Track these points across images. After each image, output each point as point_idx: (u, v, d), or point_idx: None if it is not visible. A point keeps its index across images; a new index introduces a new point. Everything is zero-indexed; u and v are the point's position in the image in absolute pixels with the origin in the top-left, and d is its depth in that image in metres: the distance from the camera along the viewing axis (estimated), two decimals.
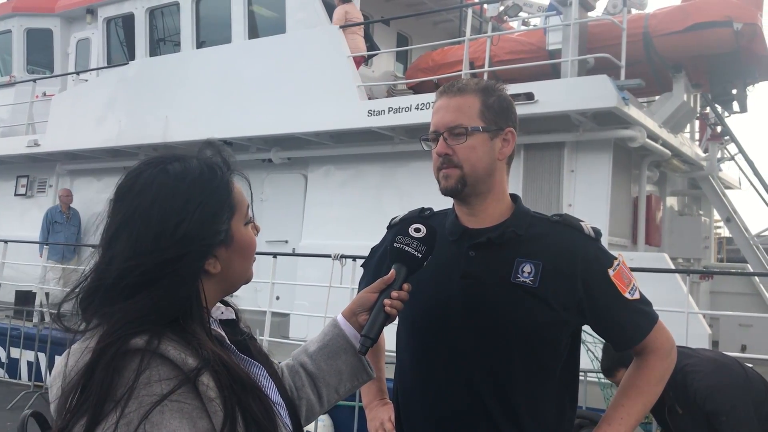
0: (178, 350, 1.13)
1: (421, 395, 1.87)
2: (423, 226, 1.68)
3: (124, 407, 1.06)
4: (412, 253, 1.65)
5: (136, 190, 1.24)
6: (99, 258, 1.23)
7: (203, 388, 1.12)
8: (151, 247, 1.18)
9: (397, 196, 8.39)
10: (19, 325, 8.86)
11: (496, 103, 1.86)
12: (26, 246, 10.36)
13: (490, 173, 1.85)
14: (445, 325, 1.82)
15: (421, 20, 10.53)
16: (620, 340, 1.89)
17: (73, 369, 1.12)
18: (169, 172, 1.25)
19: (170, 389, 1.08)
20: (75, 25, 12.54)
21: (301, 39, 8.81)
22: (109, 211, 1.25)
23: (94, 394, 1.07)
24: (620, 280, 1.81)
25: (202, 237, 1.22)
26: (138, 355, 1.10)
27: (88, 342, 1.15)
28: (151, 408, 1.06)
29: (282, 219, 9.09)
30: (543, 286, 1.77)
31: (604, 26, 7.42)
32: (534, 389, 1.78)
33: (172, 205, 1.21)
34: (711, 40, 7.18)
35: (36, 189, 12.43)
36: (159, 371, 1.10)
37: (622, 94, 6.61)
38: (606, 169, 7.24)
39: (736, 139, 10.06)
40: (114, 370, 1.08)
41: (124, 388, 1.07)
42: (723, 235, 12.76)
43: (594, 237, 1.85)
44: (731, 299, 9.17)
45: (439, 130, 1.85)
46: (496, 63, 7.83)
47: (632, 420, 1.83)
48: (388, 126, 7.95)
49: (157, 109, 9.82)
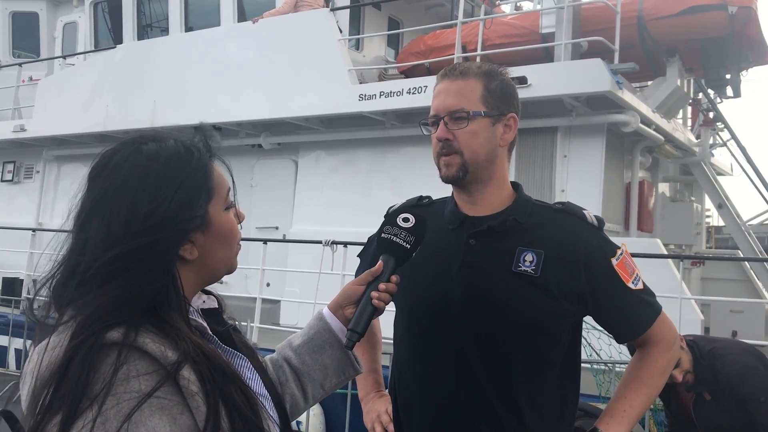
0: (156, 343, 1.07)
1: (419, 386, 1.83)
2: (411, 216, 1.62)
3: (101, 405, 1.00)
4: (401, 243, 1.59)
5: (108, 171, 1.18)
6: (71, 243, 1.17)
7: (184, 382, 1.07)
8: (123, 232, 1.12)
9: (388, 181, 8.34)
10: (7, 313, 8.78)
11: (499, 87, 1.81)
12: (12, 232, 10.25)
13: (491, 160, 1.80)
14: (444, 315, 1.77)
15: (413, 4, 10.41)
16: (623, 330, 1.85)
17: (46, 365, 1.06)
18: (143, 152, 1.19)
19: (151, 386, 1.03)
20: (61, 8, 12.38)
21: (291, 22, 8.69)
22: (82, 193, 1.20)
23: (70, 391, 1.01)
24: (623, 270, 1.78)
25: (177, 221, 1.16)
26: (115, 349, 1.04)
27: (62, 335, 1.08)
28: (134, 407, 1.01)
29: (272, 205, 9.01)
30: (545, 276, 1.73)
31: (598, 9, 7.35)
32: (535, 380, 1.75)
33: (144, 187, 1.15)
34: (705, 24, 7.13)
35: (23, 175, 12.29)
36: (137, 366, 1.04)
37: (615, 78, 6.55)
38: (599, 155, 7.20)
39: (729, 125, 10.07)
40: (90, 365, 1.03)
41: (100, 385, 1.01)
42: (712, 224, 12.79)
43: (597, 226, 1.82)
44: (722, 285, 9.20)
45: (439, 114, 1.80)
46: (488, 47, 7.75)
47: (635, 412, 1.80)
48: (380, 111, 7.88)
49: (144, 94, 9.70)
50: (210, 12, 9.72)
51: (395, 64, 9.27)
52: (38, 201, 11.78)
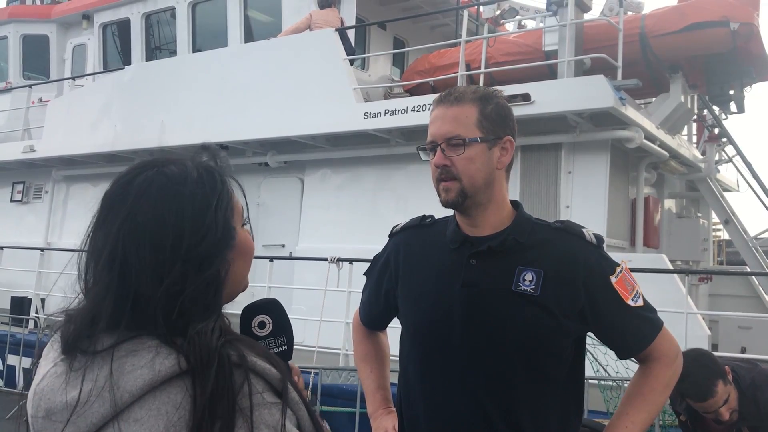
0: (261, 362, 1.10)
1: (423, 404, 1.85)
2: (266, 318, 1.43)
3: (251, 415, 1.03)
4: (278, 350, 1.43)
5: (133, 195, 1.14)
6: (104, 267, 1.10)
7: (291, 394, 1.12)
8: (172, 258, 1.09)
9: (393, 198, 8.36)
10: (17, 332, 8.82)
11: (494, 111, 1.83)
12: (22, 252, 10.31)
13: (489, 183, 1.83)
14: (446, 334, 1.80)
15: (418, 24, 10.52)
16: (624, 347, 1.87)
17: (149, 381, 1.02)
18: (167, 174, 1.16)
19: (276, 401, 1.07)
20: (71, 30, 12.54)
21: (297, 42, 8.79)
22: (103, 217, 1.14)
23: (215, 402, 1.02)
24: (623, 287, 1.79)
25: (224, 241, 1.16)
26: (240, 369, 1.06)
27: (145, 356, 1.04)
28: (281, 416, 1.06)
29: (279, 223, 9.05)
30: (545, 294, 1.74)
31: (601, 27, 7.40)
32: (537, 398, 1.76)
33: (181, 208, 1.13)
34: (708, 41, 7.16)
35: (32, 195, 12.39)
36: (257, 385, 1.07)
37: (618, 95, 6.58)
38: (603, 171, 7.21)
39: (734, 141, 10.05)
40: (227, 383, 1.04)
41: (245, 399, 1.04)
42: (723, 237, 12.72)
43: (596, 244, 1.83)
44: (730, 302, 9.14)
45: (436, 141, 1.83)
46: (492, 65, 7.81)
47: (637, 429, 1.80)
48: (385, 128, 7.93)
49: (153, 114, 9.79)
50: (217, 33, 9.85)
51: (400, 83, 9.34)
52: (47, 221, 11.87)
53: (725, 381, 3.02)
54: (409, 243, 1.99)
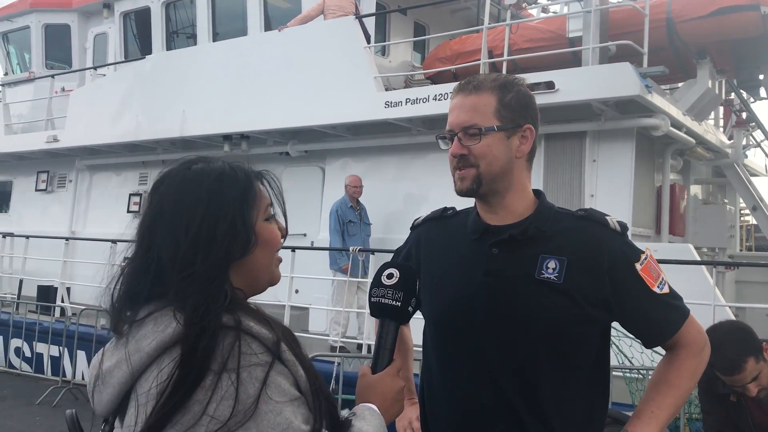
0: (258, 326, 1.26)
1: (446, 394, 1.85)
2: (396, 270, 1.62)
3: (237, 372, 1.19)
4: (391, 304, 1.58)
5: (164, 187, 1.37)
6: (140, 247, 1.33)
7: (285, 355, 1.27)
8: (193, 239, 1.29)
9: (414, 187, 8.33)
10: (44, 320, 8.94)
11: (514, 99, 1.81)
12: (47, 241, 10.44)
13: (507, 172, 1.81)
14: (469, 324, 1.78)
15: (439, 9, 10.39)
16: (650, 335, 1.84)
17: (155, 346, 1.22)
18: (192, 169, 1.38)
19: (267, 359, 1.23)
20: (92, 20, 12.61)
21: (317, 31, 8.74)
22: (144, 207, 1.39)
23: (203, 361, 1.19)
24: (648, 274, 1.77)
25: (237, 228, 1.33)
26: (232, 332, 1.23)
27: (158, 325, 1.24)
28: (267, 371, 1.21)
29: (300, 212, 9.04)
30: (568, 282, 1.72)
31: (626, 12, 7.25)
32: (562, 387, 1.74)
33: (200, 198, 1.32)
34: (737, 25, 6.99)
35: (56, 184, 12.54)
36: (251, 345, 1.23)
37: (644, 82, 6.46)
38: (629, 159, 7.10)
39: (762, 126, 9.87)
40: (215, 343, 1.21)
41: (232, 359, 1.20)
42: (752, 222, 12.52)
43: (620, 231, 1.80)
44: (757, 289, 9.00)
45: (453, 130, 1.82)
46: (515, 51, 7.70)
47: (663, 414, 1.77)
48: (406, 117, 7.88)
49: (174, 104, 9.82)
50: (237, 21, 9.82)
51: (421, 71, 9.26)
52: (71, 210, 12.01)
53: (758, 358, 2.97)
54: (430, 235, 1.98)
